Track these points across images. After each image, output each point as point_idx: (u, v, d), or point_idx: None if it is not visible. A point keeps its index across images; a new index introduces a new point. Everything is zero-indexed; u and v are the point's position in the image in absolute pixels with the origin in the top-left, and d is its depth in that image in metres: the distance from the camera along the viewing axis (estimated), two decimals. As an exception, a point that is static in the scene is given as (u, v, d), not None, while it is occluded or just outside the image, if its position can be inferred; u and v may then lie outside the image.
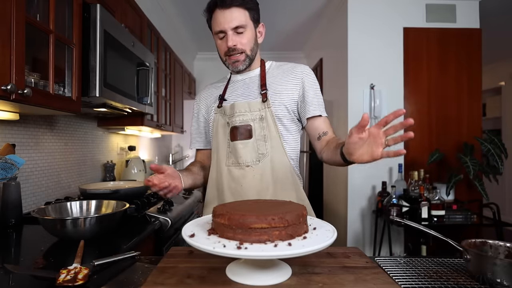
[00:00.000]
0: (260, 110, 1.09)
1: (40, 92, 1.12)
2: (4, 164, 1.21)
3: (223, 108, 1.15)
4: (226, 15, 1.04)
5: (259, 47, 1.14)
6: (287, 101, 1.10)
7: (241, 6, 1.04)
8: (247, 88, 1.14)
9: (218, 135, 1.15)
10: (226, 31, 1.05)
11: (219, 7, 1.04)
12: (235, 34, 1.05)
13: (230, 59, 1.10)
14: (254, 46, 1.10)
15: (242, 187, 1.09)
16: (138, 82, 1.85)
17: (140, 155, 2.93)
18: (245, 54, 1.08)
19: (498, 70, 5.25)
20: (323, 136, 1.10)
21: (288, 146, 1.11)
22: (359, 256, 0.82)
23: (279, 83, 1.12)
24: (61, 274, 0.70)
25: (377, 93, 2.77)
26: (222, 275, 0.68)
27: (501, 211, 2.58)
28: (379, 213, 2.61)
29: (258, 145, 1.09)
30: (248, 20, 1.06)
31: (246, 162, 1.09)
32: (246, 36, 1.07)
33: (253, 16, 1.08)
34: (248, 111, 1.09)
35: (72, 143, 1.88)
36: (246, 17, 1.06)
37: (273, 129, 1.08)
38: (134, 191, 1.60)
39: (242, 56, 1.08)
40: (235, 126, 1.10)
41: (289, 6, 3.29)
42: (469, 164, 2.47)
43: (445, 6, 2.85)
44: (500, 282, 0.68)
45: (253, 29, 1.09)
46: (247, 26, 1.06)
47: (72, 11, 1.30)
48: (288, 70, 1.14)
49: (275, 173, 1.09)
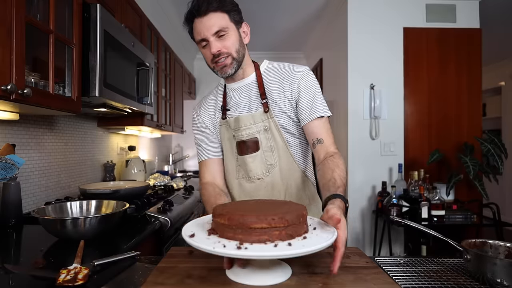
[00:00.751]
0: (263, 121, 1.08)
1: (40, 92, 1.12)
2: (4, 164, 1.21)
3: (227, 121, 1.12)
4: (204, 22, 1.01)
5: (246, 48, 1.10)
6: (287, 109, 1.08)
7: (218, 10, 1.01)
8: (247, 98, 1.12)
9: (225, 148, 1.15)
10: (207, 38, 1.02)
11: (196, 16, 1.02)
12: (217, 39, 1.02)
13: (217, 66, 1.05)
14: (239, 48, 1.05)
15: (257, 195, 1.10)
16: (138, 82, 1.85)
17: (140, 155, 2.93)
18: (231, 57, 1.04)
19: (498, 70, 5.24)
20: (317, 144, 1.04)
21: (296, 151, 1.11)
22: (359, 256, 0.82)
23: (277, 90, 1.08)
24: (61, 274, 0.70)
25: (377, 93, 2.77)
26: (222, 275, 0.68)
27: (501, 211, 2.58)
28: (379, 213, 2.61)
29: (266, 157, 1.09)
30: (229, 23, 1.03)
31: (257, 175, 1.09)
32: (229, 39, 1.03)
33: (233, 18, 1.04)
34: (253, 124, 1.09)
35: (72, 143, 1.88)
36: (226, 20, 1.02)
37: (278, 138, 1.08)
38: (134, 191, 1.60)
39: (229, 60, 1.04)
40: (242, 141, 1.10)
41: (289, 6, 3.29)
42: (469, 164, 2.47)
43: (445, 6, 2.84)
44: (500, 282, 0.68)
45: (236, 30, 1.05)
46: (228, 28, 1.02)
47: (72, 11, 1.30)
48: (286, 74, 1.09)
49: (285, 181, 1.10)
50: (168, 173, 3.33)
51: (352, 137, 2.80)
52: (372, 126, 2.80)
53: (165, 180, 2.35)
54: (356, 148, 2.80)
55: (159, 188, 2.07)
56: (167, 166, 3.59)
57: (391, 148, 2.80)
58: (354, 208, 2.81)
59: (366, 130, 2.81)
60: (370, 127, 2.80)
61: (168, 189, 2.08)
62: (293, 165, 1.10)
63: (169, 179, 2.38)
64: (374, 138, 2.79)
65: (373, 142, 2.80)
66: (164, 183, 2.28)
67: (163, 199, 1.72)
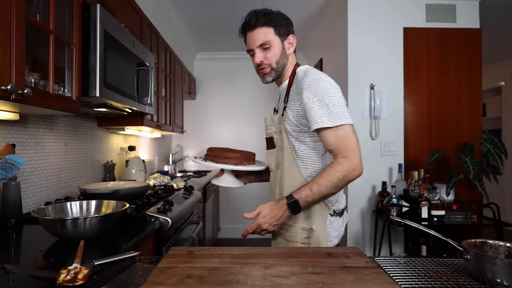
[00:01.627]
0: (279, 124, 1.21)
1: (40, 92, 1.12)
2: (4, 164, 1.21)
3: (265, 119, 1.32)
4: (252, 36, 1.17)
5: (288, 57, 1.22)
6: (293, 116, 1.15)
7: (265, 25, 1.16)
8: (281, 101, 1.27)
9: None
10: (253, 49, 1.18)
11: (247, 30, 1.19)
12: (261, 50, 1.17)
13: (259, 73, 1.22)
14: (279, 59, 1.18)
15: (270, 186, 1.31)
16: (138, 82, 1.85)
17: (140, 155, 2.93)
18: (271, 67, 1.18)
19: (498, 70, 5.24)
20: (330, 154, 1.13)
21: (301, 155, 1.17)
22: (359, 256, 0.82)
23: (293, 98, 1.16)
24: (61, 274, 0.70)
25: (377, 93, 2.77)
26: (222, 275, 0.68)
27: (501, 211, 2.58)
28: (379, 213, 2.61)
29: (277, 154, 1.23)
30: (273, 36, 1.16)
31: (272, 168, 1.28)
32: (272, 51, 1.17)
33: (279, 31, 1.17)
34: (272, 125, 1.26)
35: (72, 143, 1.88)
36: (271, 34, 1.16)
37: (285, 140, 1.18)
38: (134, 191, 1.60)
39: (268, 69, 1.19)
40: (266, 137, 1.30)
41: (289, 6, 3.29)
42: (469, 164, 2.47)
43: (445, 6, 2.84)
44: (500, 282, 0.68)
45: (280, 42, 1.18)
46: (272, 41, 1.16)
47: (72, 11, 1.30)
48: (299, 82, 1.15)
49: (283, 180, 1.20)
50: (168, 173, 3.33)
51: (352, 137, 2.80)
52: (372, 126, 2.80)
53: (165, 180, 2.35)
54: (356, 148, 2.80)
55: (159, 188, 2.07)
56: (167, 166, 3.58)
57: (391, 148, 2.80)
58: (354, 208, 2.82)
59: (366, 130, 2.81)
60: (370, 127, 2.80)
61: (168, 189, 2.08)
62: (294, 167, 1.17)
63: (169, 179, 2.38)
64: (374, 138, 2.79)
65: (373, 142, 2.80)
66: (164, 183, 2.27)
67: (163, 199, 1.72)
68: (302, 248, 1.05)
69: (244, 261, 0.79)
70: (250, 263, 0.77)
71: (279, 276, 0.69)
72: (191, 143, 4.68)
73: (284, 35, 1.19)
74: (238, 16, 1.27)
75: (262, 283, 0.65)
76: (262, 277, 0.69)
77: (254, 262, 0.78)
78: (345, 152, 1.05)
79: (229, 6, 3.24)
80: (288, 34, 1.20)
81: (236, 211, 4.54)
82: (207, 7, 3.25)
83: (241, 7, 3.24)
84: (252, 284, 0.63)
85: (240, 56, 4.57)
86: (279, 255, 0.85)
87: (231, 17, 3.44)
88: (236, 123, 4.74)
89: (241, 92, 4.72)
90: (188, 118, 4.54)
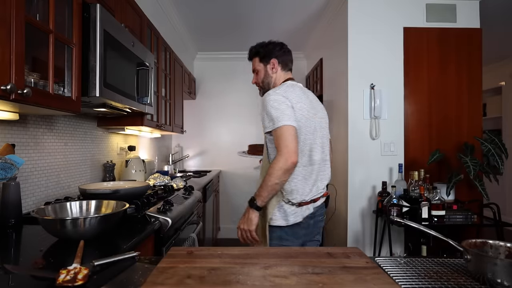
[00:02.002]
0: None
1: (40, 92, 1.12)
2: (3, 164, 1.21)
3: None
4: (251, 64, 1.66)
5: (273, 76, 1.59)
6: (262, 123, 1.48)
7: (254, 57, 1.62)
8: None
9: None
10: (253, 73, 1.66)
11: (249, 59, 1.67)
12: (255, 75, 1.64)
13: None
14: (264, 79, 1.60)
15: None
16: (138, 82, 1.85)
17: (140, 155, 2.93)
18: (259, 85, 1.64)
19: (498, 70, 5.24)
20: None
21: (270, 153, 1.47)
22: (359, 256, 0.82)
23: None
24: (60, 274, 0.70)
25: (377, 93, 2.77)
26: (222, 275, 0.68)
27: (502, 211, 2.58)
28: (379, 213, 2.61)
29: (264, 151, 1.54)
30: (258, 63, 1.60)
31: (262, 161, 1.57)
32: (259, 75, 1.61)
33: (263, 59, 1.58)
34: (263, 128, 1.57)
35: (72, 143, 1.88)
36: (257, 62, 1.61)
37: (264, 141, 1.52)
38: (134, 191, 1.60)
39: (258, 87, 1.65)
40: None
41: (289, 6, 3.29)
42: (470, 164, 2.46)
43: (445, 6, 2.84)
44: (500, 282, 0.68)
45: (264, 67, 1.59)
46: (259, 68, 1.60)
47: (72, 11, 1.30)
48: None
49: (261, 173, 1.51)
50: (168, 173, 3.33)
51: (352, 137, 2.80)
52: (372, 126, 2.79)
53: (165, 180, 2.34)
54: (356, 148, 2.80)
55: (159, 188, 2.07)
56: (167, 166, 3.58)
57: (391, 148, 2.80)
58: (354, 208, 2.81)
59: (366, 130, 2.81)
60: (370, 127, 2.80)
61: (168, 189, 2.08)
62: (266, 161, 1.49)
63: (169, 179, 2.38)
64: (374, 138, 2.79)
65: (373, 142, 2.80)
66: (164, 183, 2.27)
67: (163, 199, 1.72)
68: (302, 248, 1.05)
69: (244, 261, 0.79)
70: (250, 263, 0.77)
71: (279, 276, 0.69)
72: (191, 143, 4.68)
73: (267, 61, 1.58)
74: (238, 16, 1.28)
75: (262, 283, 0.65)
76: (262, 277, 0.69)
77: (254, 262, 0.78)
78: (279, 147, 1.32)
79: (229, 6, 3.24)
80: (270, 59, 1.57)
81: (236, 211, 4.54)
82: (207, 7, 3.25)
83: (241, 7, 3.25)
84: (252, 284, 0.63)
85: (240, 56, 4.57)
86: (279, 255, 0.85)
87: (231, 17, 3.43)
88: (236, 122, 4.74)
89: (241, 92, 4.72)
90: (188, 118, 4.54)
